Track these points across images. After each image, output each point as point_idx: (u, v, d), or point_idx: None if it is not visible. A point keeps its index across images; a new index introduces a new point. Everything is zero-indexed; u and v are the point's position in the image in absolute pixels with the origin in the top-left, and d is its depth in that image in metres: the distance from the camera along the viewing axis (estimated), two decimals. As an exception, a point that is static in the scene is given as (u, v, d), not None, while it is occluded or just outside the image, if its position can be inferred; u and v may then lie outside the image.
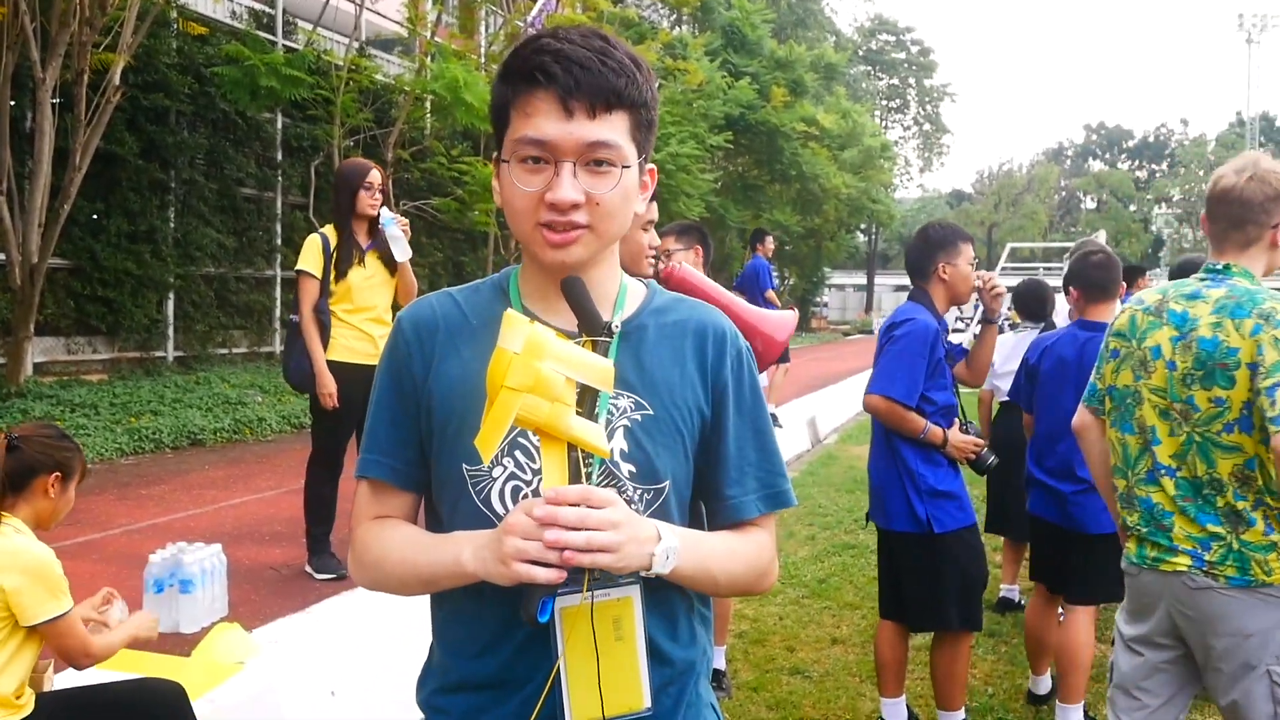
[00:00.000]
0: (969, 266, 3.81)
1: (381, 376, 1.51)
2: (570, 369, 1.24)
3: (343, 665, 4.27)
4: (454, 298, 1.52)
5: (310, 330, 5.19)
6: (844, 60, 34.43)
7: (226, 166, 13.57)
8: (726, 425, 1.51)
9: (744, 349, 1.56)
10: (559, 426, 1.24)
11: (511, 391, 1.22)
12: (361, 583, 1.53)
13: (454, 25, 14.75)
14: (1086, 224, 60.11)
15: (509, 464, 1.41)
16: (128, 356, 12.42)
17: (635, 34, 19.27)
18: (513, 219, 1.42)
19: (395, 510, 1.50)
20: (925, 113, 59.77)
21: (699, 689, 1.53)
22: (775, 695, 4.42)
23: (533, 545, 1.22)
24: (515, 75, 1.38)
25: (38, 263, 9.76)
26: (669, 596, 1.46)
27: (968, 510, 3.70)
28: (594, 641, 1.34)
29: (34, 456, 2.79)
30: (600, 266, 1.46)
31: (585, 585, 1.31)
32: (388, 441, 1.49)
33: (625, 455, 1.41)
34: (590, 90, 1.35)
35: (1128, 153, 73.07)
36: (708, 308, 1.58)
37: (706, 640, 1.56)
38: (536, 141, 1.36)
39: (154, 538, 5.96)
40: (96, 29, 9.83)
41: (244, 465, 8.95)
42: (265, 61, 11.74)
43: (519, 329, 1.24)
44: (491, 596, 1.37)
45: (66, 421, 9.23)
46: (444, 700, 1.47)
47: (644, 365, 1.46)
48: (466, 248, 18.10)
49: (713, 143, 19.35)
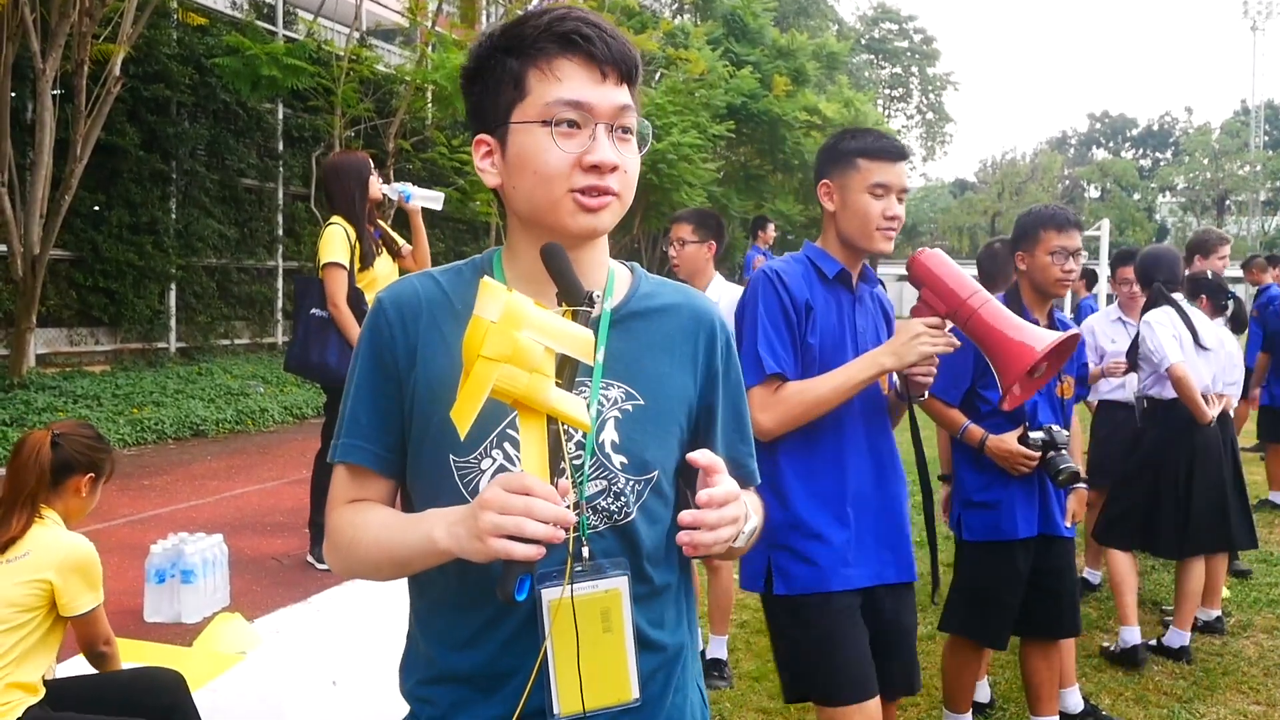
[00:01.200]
0: (1047, 257, 3.46)
1: (362, 358, 1.46)
2: (549, 338, 1.19)
3: (344, 655, 4.27)
4: (437, 280, 1.48)
5: (350, 321, 5.15)
6: (846, 49, 34.27)
7: (228, 157, 13.55)
8: (715, 413, 1.53)
9: (730, 335, 1.57)
10: (538, 398, 1.18)
11: (488, 361, 1.17)
12: (336, 568, 1.50)
13: (455, 15, 14.70)
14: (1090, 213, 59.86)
15: (498, 456, 1.39)
16: (130, 347, 12.42)
17: (637, 23, 19.19)
18: (538, 186, 1.37)
19: (373, 497, 1.47)
20: (928, 101, 59.54)
21: (686, 671, 1.53)
22: (777, 685, 4.41)
23: (509, 520, 1.16)
24: (539, 41, 1.37)
25: (39, 254, 9.76)
26: (657, 586, 1.47)
27: (1006, 525, 3.43)
28: (589, 633, 1.34)
29: (73, 455, 2.90)
30: (595, 248, 1.45)
31: (568, 577, 1.30)
32: (370, 426, 1.45)
33: (616, 447, 1.40)
34: (619, 57, 1.36)
35: (1132, 141, 72.77)
36: (695, 293, 1.59)
37: (692, 622, 1.57)
38: (574, 103, 1.34)
39: (156, 528, 5.98)
40: (96, 20, 9.81)
41: (246, 456, 8.96)
42: (266, 51, 11.71)
43: (496, 296, 1.18)
44: (476, 587, 1.37)
45: (69, 412, 9.25)
46: (429, 691, 1.46)
47: (634, 355, 1.45)
48: (468, 238, 18.08)
49: (715, 132, 19.23)
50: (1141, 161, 70.21)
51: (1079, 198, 61.99)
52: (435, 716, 1.45)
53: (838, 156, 2.73)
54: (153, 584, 4.73)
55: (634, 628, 1.38)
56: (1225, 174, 57.66)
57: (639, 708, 1.40)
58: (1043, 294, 3.56)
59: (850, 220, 2.69)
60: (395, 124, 13.60)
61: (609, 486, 1.40)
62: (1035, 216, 3.56)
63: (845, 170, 2.70)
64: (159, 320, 12.72)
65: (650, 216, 17.87)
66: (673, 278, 2.29)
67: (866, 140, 2.71)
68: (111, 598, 4.99)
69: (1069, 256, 3.48)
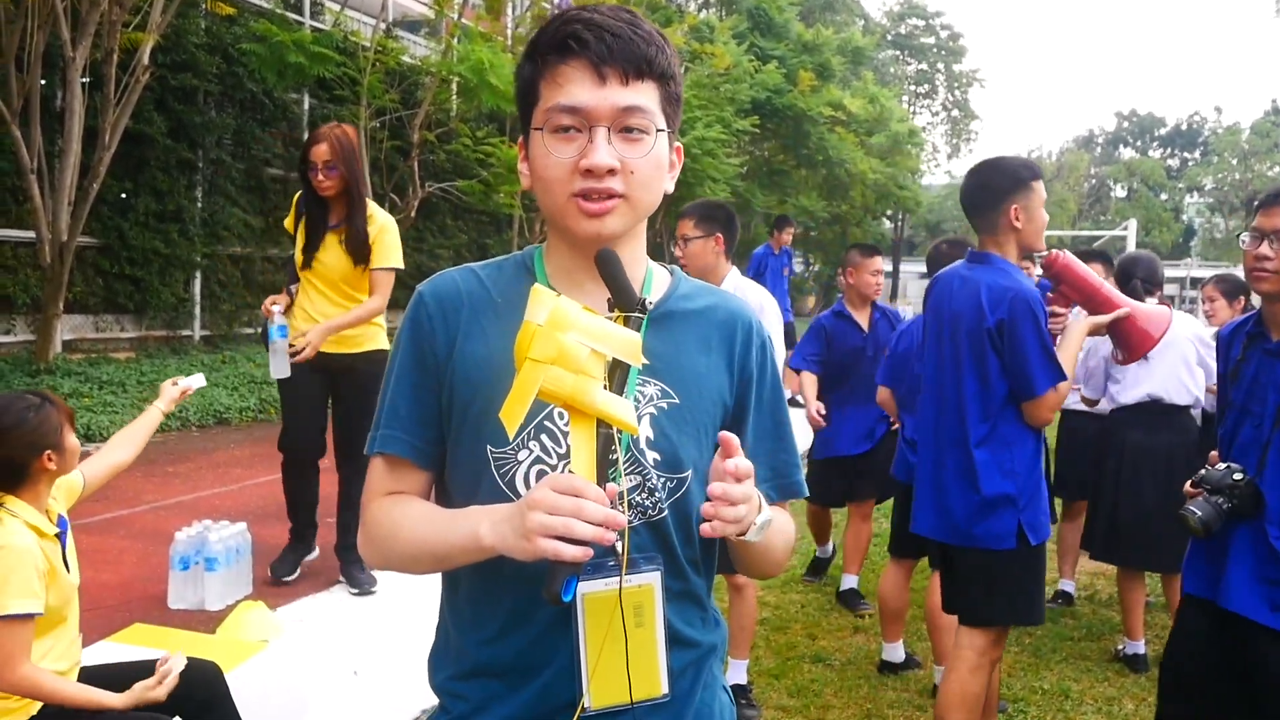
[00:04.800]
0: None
1: (403, 350, 1.47)
2: (595, 341, 1.20)
3: (365, 645, 4.29)
4: (477, 274, 1.49)
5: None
6: (872, 45, 34.15)
7: (253, 147, 13.60)
8: (747, 415, 1.52)
9: (768, 339, 1.56)
10: (584, 400, 1.19)
11: (534, 363, 1.19)
12: (370, 560, 1.50)
13: (480, 6, 14.66)
14: (1116, 213, 59.48)
15: (535, 447, 1.39)
16: (155, 335, 12.50)
17: (662, 17, 19.14)
18: (545, 192, 1.39)
19: (410, 489, 1.47)
20: (954, 98, 59.19)
21: (714, 670, 1.54)
22: (796, 682, 4.42)
23: (558, 521, 1.16)
24: (545, 48, 1.37)
25: (67, 241, 9.82)
26: (689, 582, 1.47)
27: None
28: (622, 627, 1.35)
29: (19, 453, 2.67)
30: (628, 247, 1.44)
31: (623, 567, 1.30)
32: (409, 418, 1.45)
33: (651, 443, 1.40)
34: (622, 57, 1.34)
35: (1159, 140, 72.17)
36: (733, 296, 1.59)
37: (720, 621, 1.56)
38: (569, 109, 1.34)
39: (180, 515, 6.02)
40: (126, 8, 9.86)
41: (269, 444, 8.92)
42: (293, 39, 11.75)
43: (545, 301, 1.21)
44: (510, 580, 1.37)
45: (94, 398, 9.31)
46: (460, 686, 1.46)
47: (671, 353, 1.45)
48: (491, 230, 18.10)
49: (739, 127, 19.21)
50: (1169, 161, 69.65)
51: (1105, 197, 61.61)
52: (466, 711, 1.45)
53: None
54: (177, 571, 4.76)
55: (665, 623, 1.39)
56: (1254, 174, 57.18)
57: (668, 703, 1.41)
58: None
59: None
60: (420, 115, 13.61)
61: (643, 482, 1.40)
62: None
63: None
64: (184, 308, 12.80)
65: (672, 212, 17.85)
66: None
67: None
68: (136, 584, 5.06)
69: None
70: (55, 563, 2.69)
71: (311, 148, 4.74)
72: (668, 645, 1.40)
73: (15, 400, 2.75)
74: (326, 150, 4.68)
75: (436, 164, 15.55)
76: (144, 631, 4.29)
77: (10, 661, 2.50)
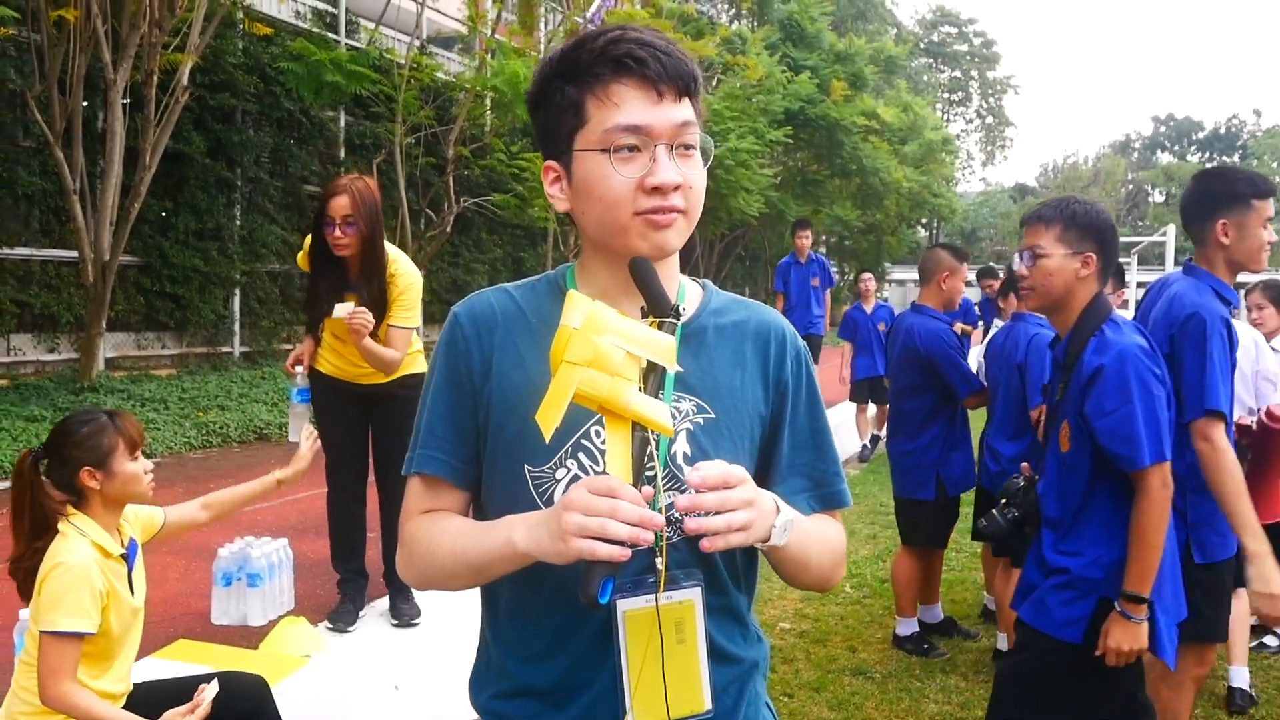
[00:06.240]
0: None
1: (439, 371, 1.48)
2: (630, 344, 1.21)
3: (407, 660, 4.30)
4: (511, 295, 1.50)
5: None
6: (905, 53, 34.03)
7: (291, 164, 13.77)
8: (783, 426, 1.52)
9: (803, 349, 1.56)
10: (619, 403, 1.19)
11: (570, 365, 1.19)
12: (409, 579, 1.50)
13: (514, 22, 14.76)
14: (1154, 218, 58.80)
15: (573, 466, 1.39)
16: (195, 352, 12.67)
17: (694, 29, 19.19)
18: (605, 211, 1.37)
19: (448, 508, 1.47)
20: (988, 105, 58.94)
21: (758, 686, 1.53)
22: (837, 695, 4.38)
23: (594, 521, 1.16)
24: (594, 67, 1.36)
25: (109, 260, 9.99)
26: (730, 598, 1.46)
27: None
28: (660, 644, 1.34)
29: (65, 464, 2.70)
30: (665, 263, 1.44)
31: (661, 584, 1.30)
32: (445, 438, 1.45)
33: (688, 459, 1.40)
34: (675, 74, 1.36)
35: (1197, 145, 71.38)
36: (765, 308, 1.58)
37: (762, 637, 1.55)
38: (632, 127, 1.34)
39: (222, 531, 6.06)
40: (165, 30, 10.03)
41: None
42: (330, 58, 11.88)
43: (580, 306, 1.22)
44: (551, 597, 1.37)
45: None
46: (504, 705, 1.46)
47: (706, 368, 1.45)
48: (526, 244, 18.19)
49: (772, 137, 19.16)
50: (1208, 165, 68.76)
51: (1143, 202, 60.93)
52: None
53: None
54: (220, 587, 4.80)
55: (707, 639, 1.38)
56: (1295, 178, 56.33)
57: (712, 718, 1.39)
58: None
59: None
60: (455, 131, 13.71)
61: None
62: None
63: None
64: (223, 325, 12.96)
65: (706, 222, 17.86)
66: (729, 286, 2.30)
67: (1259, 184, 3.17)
68: (179, 600, 5.11)
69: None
70: (117, 584, 2.70)
71: (329, 201, 4.30)
72: (711, 661, 1.39)
73: (82, 412, 2.81)
74: (347, 203, 4.25)
75: (471, 179, 15.65)
76: (188, 647, 4.32)
77: (55, 675, 2.52)
